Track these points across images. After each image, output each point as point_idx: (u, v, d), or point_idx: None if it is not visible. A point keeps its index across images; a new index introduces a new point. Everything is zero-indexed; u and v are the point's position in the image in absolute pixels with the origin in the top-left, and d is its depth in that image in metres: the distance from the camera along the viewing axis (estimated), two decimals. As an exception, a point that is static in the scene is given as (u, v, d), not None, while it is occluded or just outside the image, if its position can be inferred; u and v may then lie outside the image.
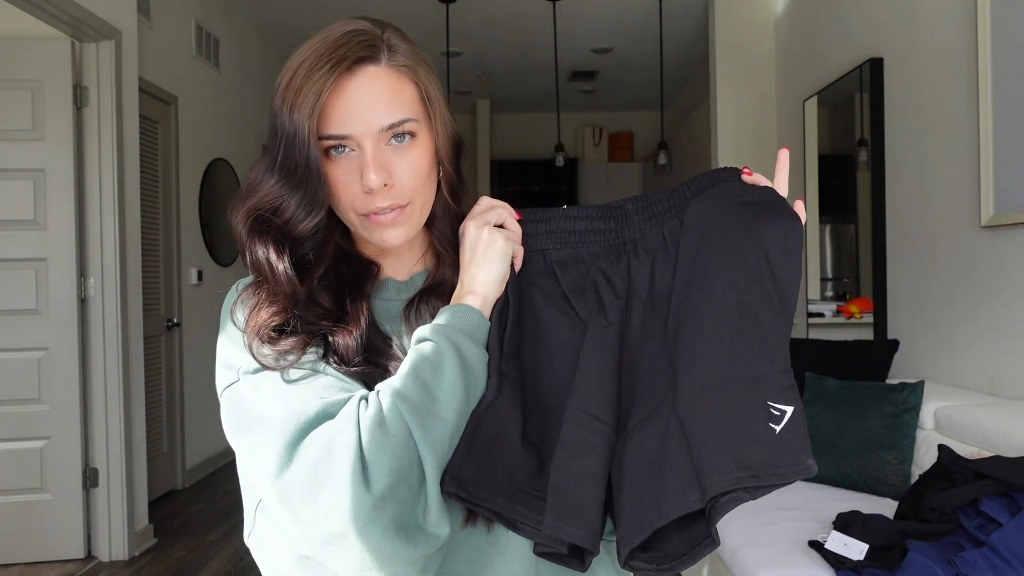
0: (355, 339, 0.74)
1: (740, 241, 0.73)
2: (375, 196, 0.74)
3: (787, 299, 0.72)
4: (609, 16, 5.29)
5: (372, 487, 0.64)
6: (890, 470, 2.35)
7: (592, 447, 0.70)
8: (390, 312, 0.83)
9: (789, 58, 4.21)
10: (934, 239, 2.79)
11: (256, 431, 0.69)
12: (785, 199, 0.79)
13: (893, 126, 3.08)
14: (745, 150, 4.43)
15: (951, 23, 2.64)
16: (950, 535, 1.71)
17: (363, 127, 0.73)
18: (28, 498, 3.15)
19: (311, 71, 0.71)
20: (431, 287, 0.83)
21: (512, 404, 0.74)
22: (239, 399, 0.73)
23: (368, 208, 0.75)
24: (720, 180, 0.80)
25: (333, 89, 0.72)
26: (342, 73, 0.72)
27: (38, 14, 2.90)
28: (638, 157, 8.13)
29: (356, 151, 0.74)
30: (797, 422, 0.66)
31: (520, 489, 0.71)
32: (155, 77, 3.96)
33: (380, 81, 0.73)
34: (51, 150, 3.15)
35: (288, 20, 5.23)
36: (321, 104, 0.71)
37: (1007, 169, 2.32)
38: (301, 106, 0.71)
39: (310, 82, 0.71)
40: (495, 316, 0.77)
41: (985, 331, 2.50)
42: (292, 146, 0.72)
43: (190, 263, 4.40)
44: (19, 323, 3.15)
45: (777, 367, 0.69)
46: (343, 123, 0.72)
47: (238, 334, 0.75)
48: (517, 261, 0.79)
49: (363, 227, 0.77)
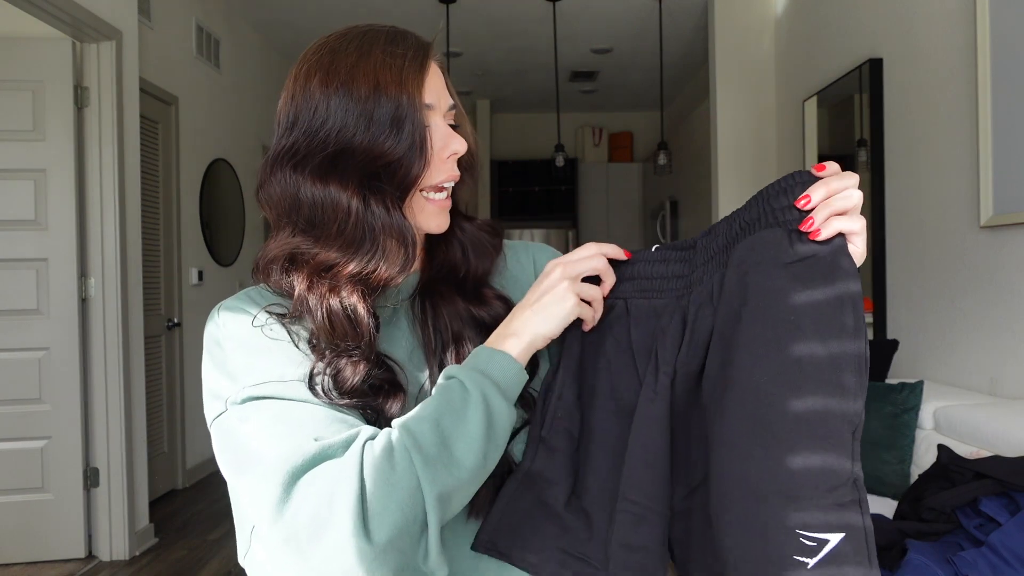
0: (360, 374, 0.71)
1: (778, 326, 0.59)
2: (452, 162, 0.78)
3: (845, 390, 0.57)
4: (609, 16, 5.29)
5: (374, 538, 0.61)
6: (889, 470, 2.35)
7: (646, 530, 0.66)
8: (383, 318, 0.80)
9: (789, 58, 4.22)
10: (933, 239, 2.79)
11: (251, 470, 0.65)
12: (847, 251, 0.62)
13: (892, 126, 3.08)
14: (745, 150, 4.44)
15: (951, 23, 2.64)
16: (949, 535, 1.71)
17: (442, 102, 0.77)
18: (29, 498, 3.15)
19: (395, 48, 0.75)
20: (439, 277, 0.83)
21: (555, 469, 0.71)
22: (229, 431, 0.69)
23: (447, 174, 0.77)
24: (772, 211, 0.64)
25: (425, 65, 0.76)
26: (427, 52, 0.77)
27: (38, 14, 2.90)
28: (638, 157, 8.14)
29: (431, 126, 0.76)
30: (845, 554, 0.53)
31: (570, 555, 0.69)
32: (156, 77, 3.96)
33: (439, 70, 0.79)
34: (52, 150, 3.15)
35: (288, 20, 5.23)
36: (423, 78, 0.75)
37: (1006, 169, 2.33)
38: (408, 78, 0.74)
39: (401, 59, 0.74)
40: (546, 380, 0.75)
41: (985, 331, 2.50)
42: (398, 113, 0.73)
43: (191, 263, 4.40)
44: (20, 323, 3.15)
45: (825, 482, 0.54)
46: (429, 95, 0.76)
47: (223, 358, 0.72)
48: (588, 325, 0.76)
49: (420, 210, 0.78)
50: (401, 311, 0.81)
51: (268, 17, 5.20)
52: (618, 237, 7.91)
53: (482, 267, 0.84)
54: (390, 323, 0.80)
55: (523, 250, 0.92)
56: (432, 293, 0.81)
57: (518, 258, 0.90)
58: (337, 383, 0.70)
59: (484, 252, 0.85)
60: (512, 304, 0.81)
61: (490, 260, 0.85)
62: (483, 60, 6.30)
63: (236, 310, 0.75)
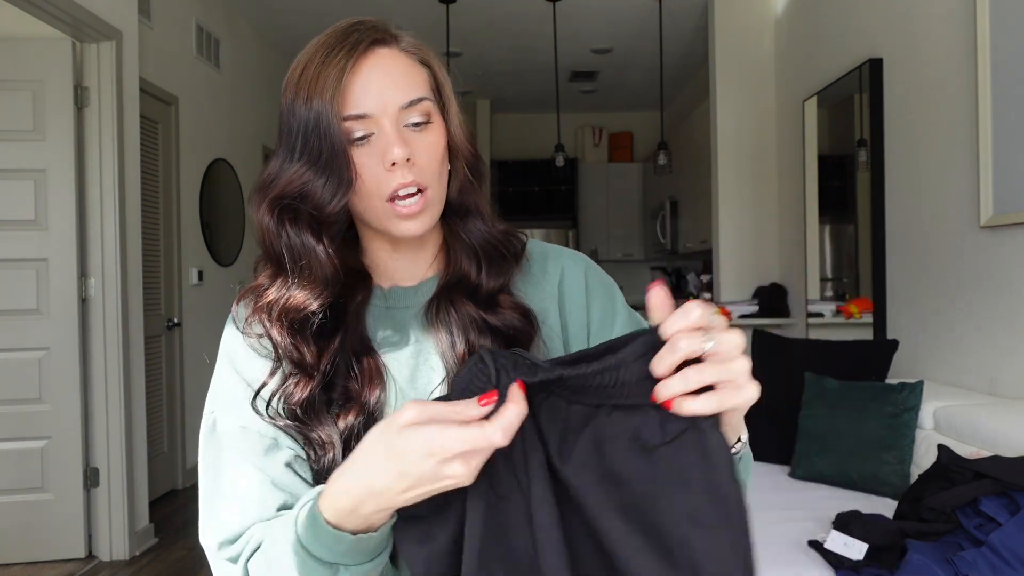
0: (309, 392, 0.73)
1: (635, 518, 0.54)
2: (399, 171, 0.72)
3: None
4: (609, 16, 5.29)
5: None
6: (889, 470, 2.35)
7: None
8: (398, 321, 0.81)
9: (789, 58, 4.22)
10: (933, 239, 2.79)
11: (203, 489, 0.75)
12: (717, 433, 0.54)
13: (892, 126, 3.08)
14: (745, 150, 4.44)
15: (950, 23, 2.64)
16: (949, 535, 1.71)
17: (382, 105, 0.72)
18: (29, 498, 3.15)
19: (327, 58, 0.71)
20: (453, 283, 0.80)
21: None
22: (204, 438, 0.78)
23: (393, 185, 0.73)
24: (623, 386, 0.55)
25: (352, 70, 0.71)
26: (359, 55, 0.72)
27: (39, 14, 2.90)
28: (638, 157, 8.13)
29: (376, 134, 0.73)
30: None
31: None
32: (155, 77, 3.96)
33: (395, 61, 0.74)
34: (52, 150, 3.15)
35: (288, 20, 5.23)
36: (343, 85, 0.71)
37: (1006, 169, 2.33)
38: (322, 90, 0.70)
39: (328, 67, 0.71)
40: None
41: (985, 331, 2.50)
42: (315, 132, 0.71)
43: (191, 263, 4.40)
44: (20, 323, 3.15)
45: None
46: (363, 102, 0.72)
47: (224, 364, 0.79)
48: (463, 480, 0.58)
49: (386, 217, 0.75)
50: (419, 314, 0.80)
51: (268, 17, 5.20)
52: (618, 237, 7.92)
53: (495, 279, 0.80)
54: (404, 323, 0.80)
55: (553, 257, 0.87)
56: (446, 299, 0.79)
57: (545, 266, 0.86)
58: (286, 401, 0.74)
59: (499, 261, 0.81)
60: (530, 314, 0.79)
61: (506, 270, 0.81)
62: (483, 60, 6.30)
63: (229, 322, 0.81)
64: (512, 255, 0.82)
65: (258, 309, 0.76)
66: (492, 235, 0.82)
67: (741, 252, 4.45)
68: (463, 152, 0.80)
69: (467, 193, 0.81)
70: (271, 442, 0.74)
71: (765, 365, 2.91)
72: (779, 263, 4.39)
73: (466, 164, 0.81)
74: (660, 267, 7.76)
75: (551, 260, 0.86)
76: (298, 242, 0.74)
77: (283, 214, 0.74)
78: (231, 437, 0.75)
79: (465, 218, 0.82)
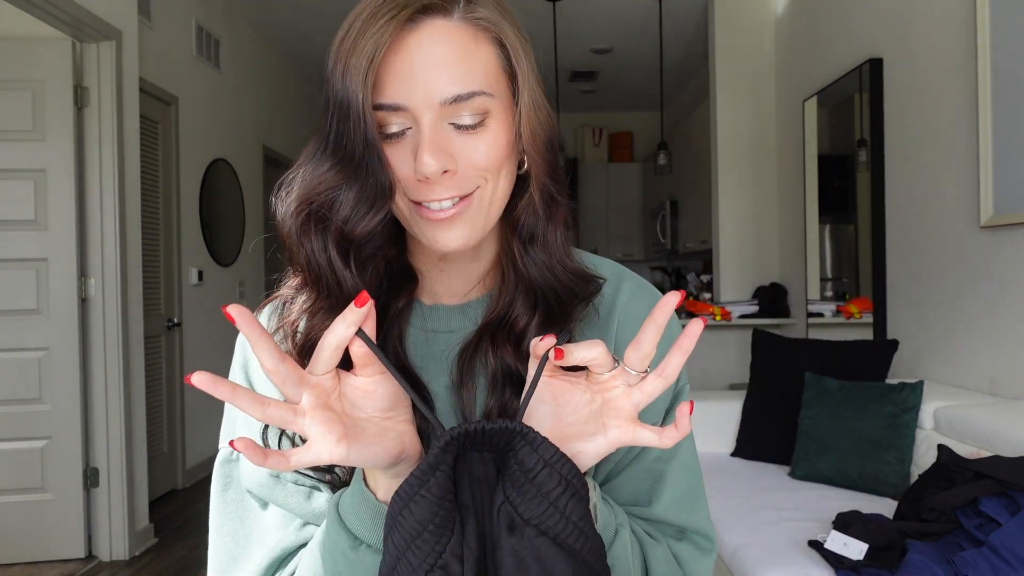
0: None
1: None
2: (432, 185, 0.57)
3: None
4: (609, 16, 5.29)
5: None
6: (889, 470, 2.35)
7: None
8: (433, 350, 0.66)
9: (789, 58, 4.22)
10: (933, 239, 2.79)
11: (212, 525, 0.70)
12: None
13: (893, 126, 3.08)
14: (745, 150, 4.44)
15: (951, 23, 2.64)
16: (949, 535, 1.71)
17: (421, 97, 0.56)
18: (29, 498, 3.15)
19: (368, 23, 0.55)
20: (496, 322, 0.63)
21: None
22: (216, 471, 0.71)
23: (419, 197, 0.58)
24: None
25: (391, 46, 0.56)
26: (402, 24, 0.56)
27: (38, 14, 2.90)
28: (638, 157, 8.13)
29: (412, 129, 0.57)
30: None
31: None
32: (155, 77, 3.96)
33: (449, 38, 0.57)
34: (52, 150, 3.15)
35: (288, 20, 5.23)
36: (376, 65, 0.55)
37: (1006, 169, 2.33)
38: (356, 67, 0.55)
39: (364, 37, 0.55)
40: None
41: (984, 331, 2.50)
42: (346, 120, 0.56)
43: (190, 263, 4.40)
44: (20, 323, 3.15)
45: None
46: (398, 89, 0.56)
47: (239, 375, 0.70)
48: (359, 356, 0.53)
49: (414, 222, 0.60)
50: (448, 342, 0.67)
51: (268, 17, 5.20)
52: (618, 237, 7.92)
53: (550, 332, 0.62)
54: (442, 355, 0.66)
55: (621, 304, 0.70)
56: (485, 336, 0.64)
57: (612, 310, 0.69)
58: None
59: (562, 312, 0.64)
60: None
61: (565, 322, 0.64)
62: (483, 60, 6.29)
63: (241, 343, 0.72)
64: (580, 300, 0.65)
65: (281, 327, 0.64)
66: (559, 278, 0.64)
67: (741, 252, 4.46)
68: (535, 162, 0.62)
69: (532, 215, 0.63)
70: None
71: (765, 365, 2.91)
72: (779, 263, 4.39)
73: (537, 180, 0.62)
74: (660, 267, 7.76)
75: (618, 307, 0.69)
76: (324, 259, 0.59)
77: (309, 219, 0.59)
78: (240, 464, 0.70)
79: (529, 245, 0.64)
